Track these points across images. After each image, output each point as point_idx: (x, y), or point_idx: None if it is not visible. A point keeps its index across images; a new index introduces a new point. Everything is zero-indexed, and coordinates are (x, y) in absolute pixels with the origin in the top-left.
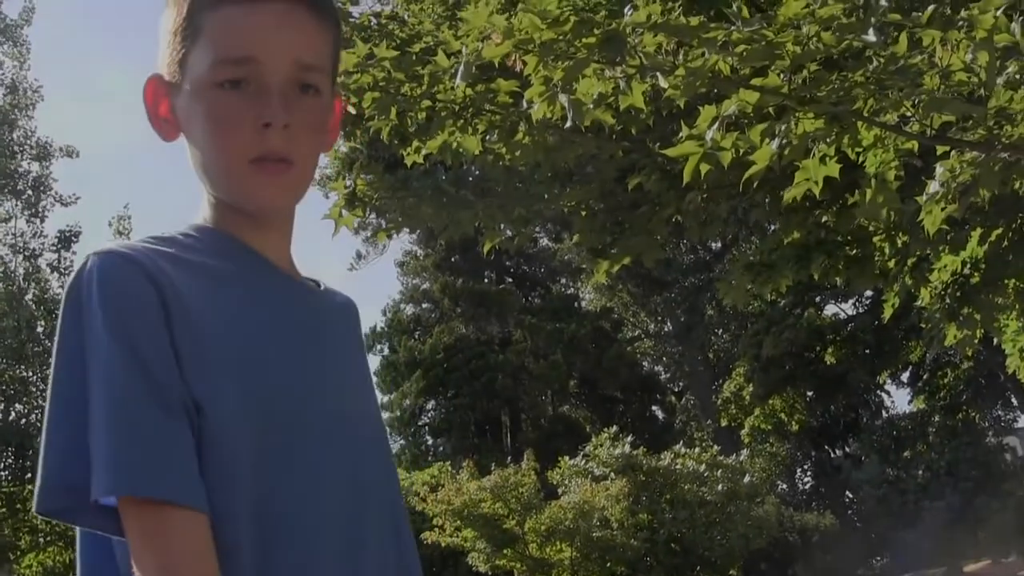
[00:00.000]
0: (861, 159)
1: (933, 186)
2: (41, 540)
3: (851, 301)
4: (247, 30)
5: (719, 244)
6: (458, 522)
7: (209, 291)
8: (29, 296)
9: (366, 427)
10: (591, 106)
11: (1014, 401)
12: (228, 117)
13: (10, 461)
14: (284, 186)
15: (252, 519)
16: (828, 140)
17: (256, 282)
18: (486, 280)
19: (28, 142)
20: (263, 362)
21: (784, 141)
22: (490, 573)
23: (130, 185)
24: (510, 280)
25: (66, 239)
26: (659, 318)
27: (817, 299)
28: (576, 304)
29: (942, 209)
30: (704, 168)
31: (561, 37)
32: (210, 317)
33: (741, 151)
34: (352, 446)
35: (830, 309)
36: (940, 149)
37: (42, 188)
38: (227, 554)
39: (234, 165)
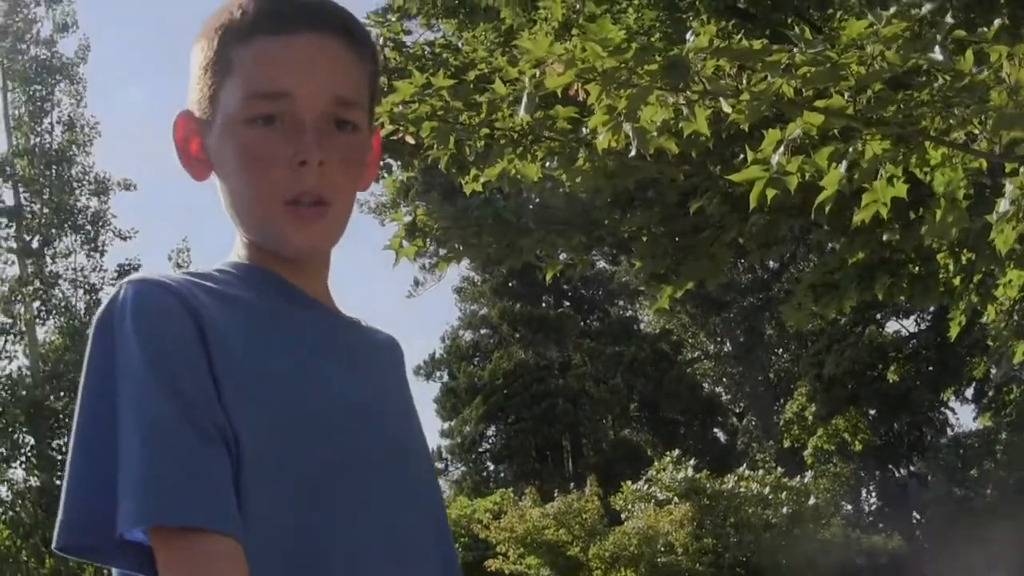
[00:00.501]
0: (928, 178)
1: (1003, 204)
2: (105, 573)
3: (912, 317)
4: (281, 64)
5: (777, 263)
6: (521, 549)
7: (246, 323)
8: (90, 330)
9: (410, 460)
10: (655, 133)
11: None
12: (261, 155)
13: None
14: (320, 230)
15: (290, 552)
16: (895, 161)
17: (293, 315)
18: (544, 305)
19: (86, 178)
20: (301, 393)
21: (852, 163)
22: None
23: (187, 217)
24: (568, 304)
25: (126, 273)
26: (718, 339)
27: (878, 316)
28: (635, 327)
29: (1014, 228)
30: (770, 193)
31: (623, 65)
32: (247, 348)
33: (807, 175)
34: (393, 479)
35: (891, 326)
36: (1009, 166)
37: (101, 223)
38: None
39: (268, 207)
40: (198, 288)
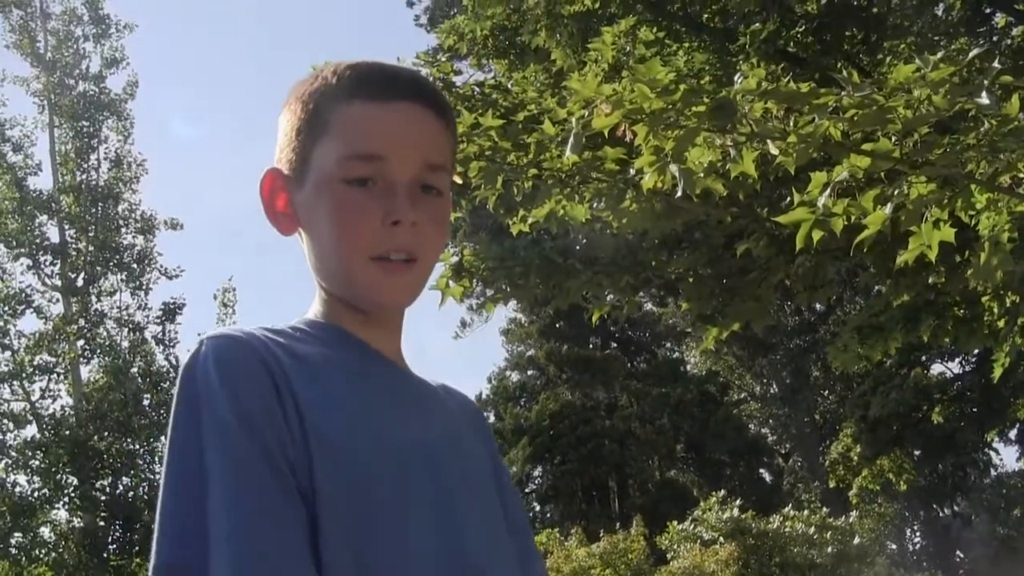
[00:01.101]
0: (974, 221)
1: None
2: None
3: (957, 360)
4: (379, 128)
5: (823, 306)
6: None
7: (318, 378)
8: (135, 369)
9: (484, 501)
10: (701, 175)
11: None
12: (355, 213)
13: (118, 535)
14: (406, 284)
15: None
16: (941, 204)
17: (364, 370)
18: (591, 346)
19: (132, 215)
20: (370, 450)
21: (897, 205)
22: None
23: (233, 257)
24: (615, 345)
25: (170, 311)
26: (765, 380)
27: (923, 359)
28: (681, 368)
29: None
30: (816, 235)
31: (671, 106)
32: (317, 403)
33: (853, 217)
34: (465, 534)
35: (936, 368)
36: None
37: (147, 261)
38: None
39: (356, 261)
40: (271, 343)
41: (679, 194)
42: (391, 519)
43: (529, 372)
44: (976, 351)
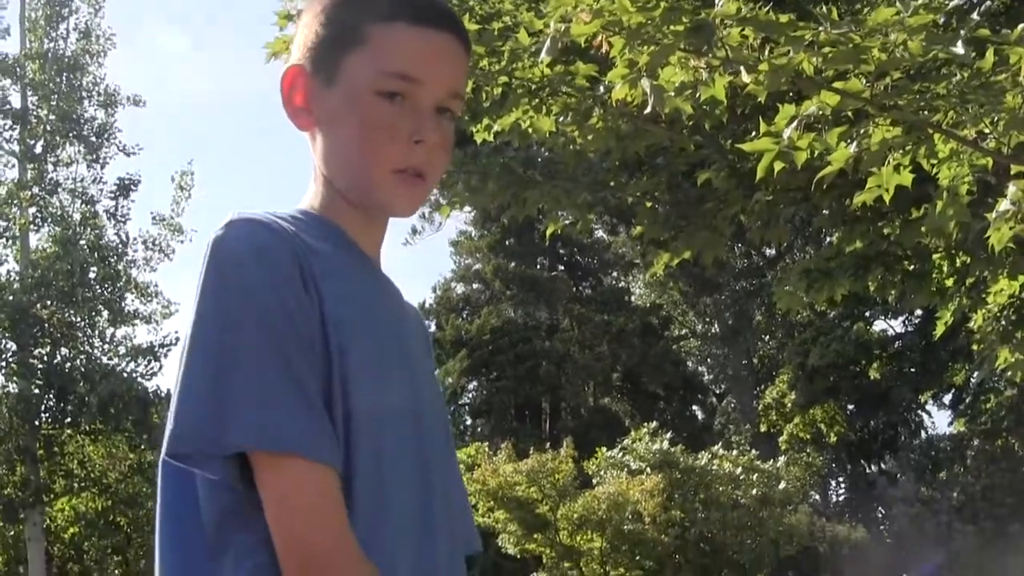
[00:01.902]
0: (935, 171)
1: (1004, 204)
2: (75, 485)
3: (901, 319)
4: (420, 54)
5: (773, 251)
6: (491, 503)
7: (335, 275)
8: (84, 242)
9: (439, 425)
10: (672, 94)
11: None
12: (385, 127)
13: (51, 403)
14: (417, 198)
15: (365, 486)
16: (904, 149)
17: (363, 275)
18: (539, 266)
19: (96, 88)
20: (378, 349)
21: (862, 147)
22: (519, 556)
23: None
24: (562, 268)
25: (125, 187)
26: (707, 319)
27: (867, 313)
28: (626, 298)
29: (1011, 228)
30: (778, 166)
31: (650, 22)
32: (333, 299)
33: (816, 153)
34: (425, 443)
35: (879, 325)
36: (1015, 168)
37: (106, 135)
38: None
39: (378, 171)
40: (295, 236)
41: (648, 110)
42: (399, 426)
43: (474, 285)
44: (919, 312)
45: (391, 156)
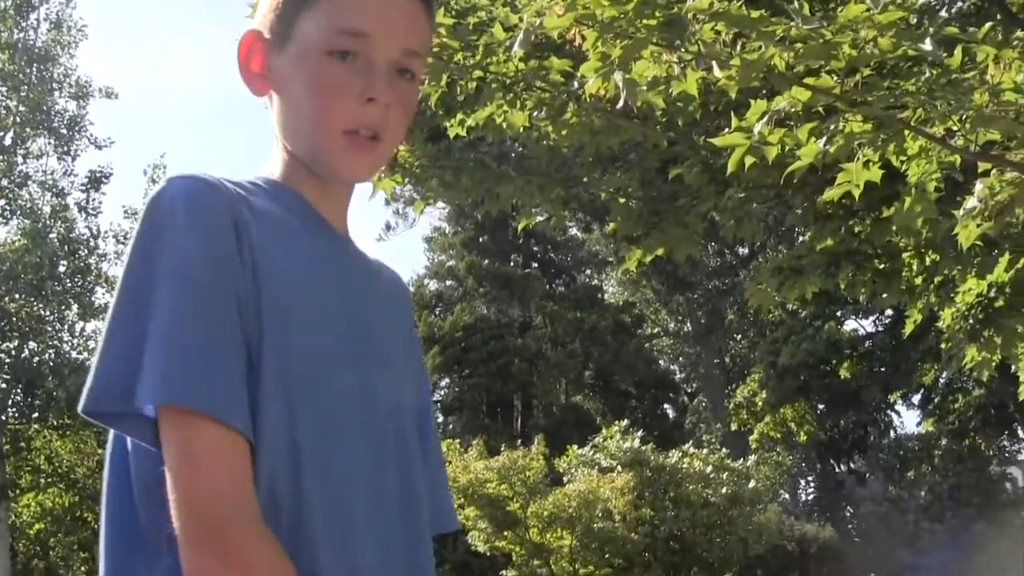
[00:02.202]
0: (904, 168)
1: (971, 201)
2: (42, 480)
3: (871, 319)
4: (368, 7)
5: (746, 250)
6: (461, 500)
7: (275, 237)
8: (53, 235)
9: (405, 396)
10: (644, 88)
11: (1020, 432)
12: (334, 85)
13: (19, 398)
14: (370, 162)
15: (287, 451)
16: (874, 145)
17: (316, 240)
18: (512, 263)
19: (67, 80)
20: (318, 313)
21: (831, 141)
22: (489, 554)
23: (166, 136)
24: (536, 265)
25: (96, 180)
26: (680, 318)
27: (838, 313)
28: (599, 296)
29: (977, 225)
30: (749, 161)
31: (623, 15)
32: (272, 259)
33: (787, 147)
34: (383, 417)
35: (850, 324)
36: (982, 166)
37: (77, 128)
38: (264, 484)
39: (328, 133)
40: (237, 195)
41: (620, 104)
42: (321, 377)
43: (448, 282)
44: (890, 312)
45: (340, 116)
